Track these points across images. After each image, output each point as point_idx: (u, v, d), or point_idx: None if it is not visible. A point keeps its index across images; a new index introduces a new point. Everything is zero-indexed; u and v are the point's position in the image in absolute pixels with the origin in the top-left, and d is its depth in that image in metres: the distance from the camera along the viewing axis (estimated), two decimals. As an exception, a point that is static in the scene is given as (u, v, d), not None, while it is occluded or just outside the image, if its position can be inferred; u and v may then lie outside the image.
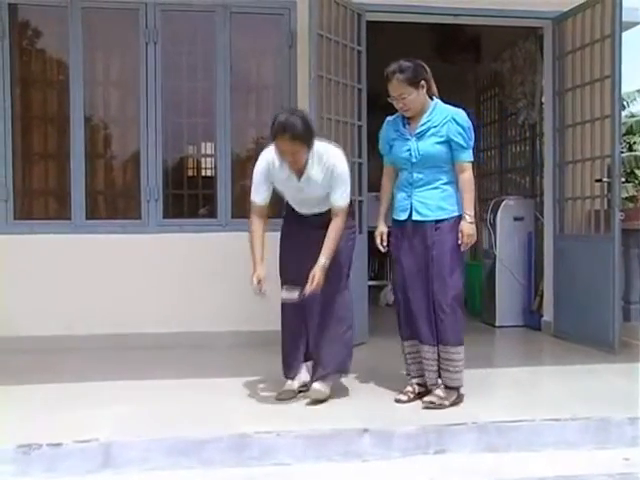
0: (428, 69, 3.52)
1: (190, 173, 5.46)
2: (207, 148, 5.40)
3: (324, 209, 3.59)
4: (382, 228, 3.66)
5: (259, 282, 3.51)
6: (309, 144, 3.41)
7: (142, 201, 5.07)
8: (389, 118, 3.64)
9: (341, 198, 3.51)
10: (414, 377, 3.62)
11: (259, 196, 3.58)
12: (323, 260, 3.45)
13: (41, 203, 5.27)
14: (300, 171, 3.50)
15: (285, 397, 3.59)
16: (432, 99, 3.52)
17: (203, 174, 5.44)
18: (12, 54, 4.94)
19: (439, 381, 3.51)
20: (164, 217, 5.12)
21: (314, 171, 3.48)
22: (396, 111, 3.57)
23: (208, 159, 5.39)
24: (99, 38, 5.15)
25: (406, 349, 3.63)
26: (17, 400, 3.63)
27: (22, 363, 4.46)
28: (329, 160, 3.49)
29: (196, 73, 5.27)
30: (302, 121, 3.39)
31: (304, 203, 3.64)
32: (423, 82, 3.45)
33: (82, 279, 4.96)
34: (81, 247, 4.97)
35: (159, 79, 5.03)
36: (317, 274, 3.43)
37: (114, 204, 5.39)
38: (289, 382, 3.69)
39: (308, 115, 3.55)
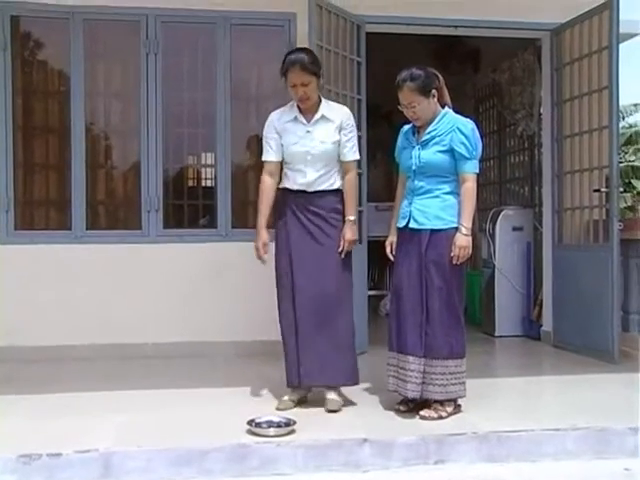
0: (441, 78, 3.50)
1: (190, 183, 5.48)
2: (207, 158, 5.41)
3: (328, 178, 3.62)
4: (392, 237, 3.65)
5: (264, 246, 3.67)
6: (318, 75, 3.57)
7: (142, 211, 5.08)
8: (404, 127, 3.63)
9: (352, 151, 3.68)
10: (391, 391, 3.56)
11: (268, 153, 3.69)
12: (351, 217, 3.62)
13: (42, 213, 5.28)
14: (310, 111, 3.61)
15: (284, 407, 3.58)
16: (444, 108, 3.50)
17: (203, 184, 5.46)
18: (14, 65, 4.96)
19: (426, 395, 3.44)
20: (164, 227, 5.13)
21: (327, 111, 3.62)
22: (404, 121, 3.58)
23: (208, 169, 5.40)
24: (100, 49, 5.18)
25: (389, 360, 3.56)
26: (18, 410, 3.62)
27: (22, 373, 4.46)
28: (343, 108, 3.73)
29: (196, 84, 5.28)
30: (309, 54, 3.64)
31: (307, 161, 3.59)
32: (434, 91, 3.43)
33: (83, 289, 4.97)
34: (81, 257, 4.98)
35: (159, 90, 5.06)
36: (347, 232, 3.59)
37: (114, 214, 5.40)
38: (288, 394, 3.68)
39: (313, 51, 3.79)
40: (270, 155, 3.68)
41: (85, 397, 3.85)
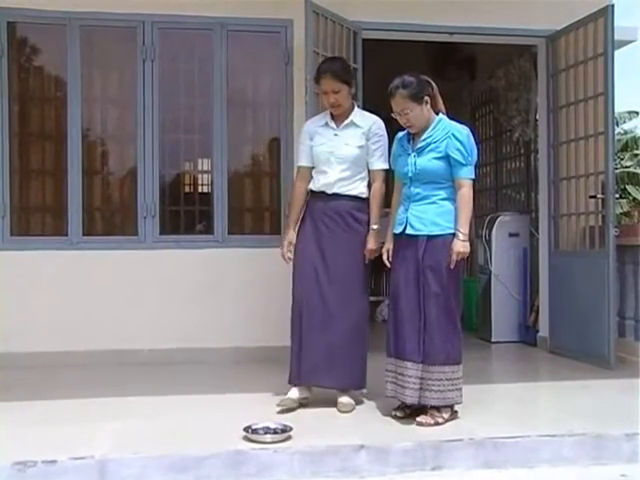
0: (434, 85, 3.54)
1: (187, 189, 5.46)
2: (204, 164, 5.40)
3: (349, 183, 3.70)
4: (389, 244, 3.67)
5: (288, 245, 3.80)
6: (349, 83, 3.74)
7: (139, 217, 5.08)
8: (399, 134, 3.66)
9: (381, 160, 3.75)
10: (389, 397, 3.58)
11: (300, 159, 3.88)
12: (374, 227, 3.70)
13: (38, 219, 5.27)
14: (341, 118, 3.76)
15: (285, 405, 3.63)
16: (438, 115, 3.53)
17: (200, 190, 5.45)
18: (10, 71, 4.97)
19: (423, 401, 3.45)
20: (161, 233, 5.13)
21: (357, 118, 3.76)
22: (399, 127, 3.60)
23: (205, 175, 5.40)
24: (97, 55, 5.18)
25: (387, 366, 3.59)
26: (13, 416, 3.61)
27: (18, 379, 4.45)
28: (374, 117, 3.81)
29: (193, 90, 5.29)
30: (342, 63, 3.88)
31: (331, 162, 3.70)
32: (427, 98, 3.46)
33: (79, 295, 4.97)
34: (78, 263, 4.98)
35: (156, 96, 5.07)
36: (370, 240, 3.68)
37: (111, 220, 5.39)
38: (290, 392, 3.72)
39: (347, 61, 4.06)
40: (302, 161, 3.85)
41: (81, 404, 3.85)
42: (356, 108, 3.85)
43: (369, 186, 3.79)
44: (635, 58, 11.97)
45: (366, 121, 3.78)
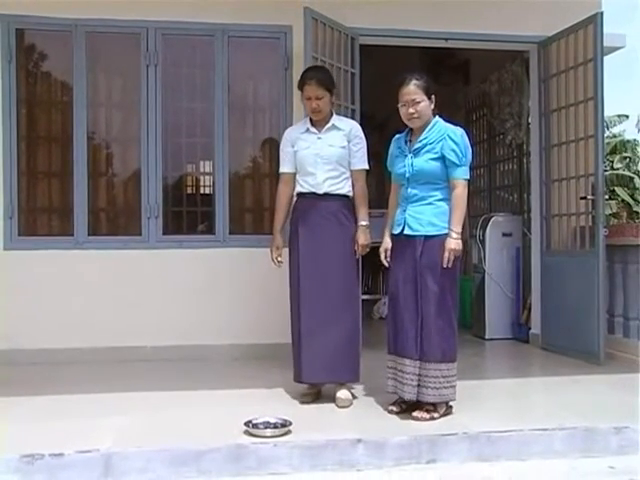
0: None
1: (189, 191, 5.53)
2: (206, 166, 5.47)
3: (337, 182, 3.81)
4: (387, 244, 3.74)
5: (277, 250, 3.94)
6: (331, 91, 3.87)
7: (142, 218, 5.16)
8: (397, 135, 3.73)
9: (361, 160, 3.90)
10: (390, 393, 3.65)
11: (283, 165, 3.97)
12: (363, 222, 3.83)
13: (44, 220, 5.33)
14: (321, 124, 3.87)
15: (305, 401, 3.80)
16: (435, 117, 3.62)
17: (202, 192, 5.51)
18: (19, 76, 5.04)
19: (420, 398, 3.51)
20: (164, 233, 5.20)
21: (337, 122, 3.89)
22: (396, 130, 3.70)
23: (206, 177, 5.46)
24: (102, 61, 5.24)
25: (388, 363, 3.67)
26: (20, 411, 3.67)
27: (24, 376, 4.51)
28: (353, 121, 4.07)
29: (195, 94, 5.36)
30: (326, 72, 4.04)
31: (317, 163, 3.80)
32: (433, 97, 3.57)
33: (84, 294, 5.04)
34: (83, 262, 5.05)
35: (159, 100, 5.15)
36: (361, 236, 3.80)
37: (115, 221, 5.46)
38: (305, 389, 3.88)
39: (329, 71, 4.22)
40: (285, 167, 3.95)
41: (85, 399, 3.92)
42: (335, 114, 3.97)
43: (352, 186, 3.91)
44: (625, 63, 12.10)
45: (346, 124, 3.93)
